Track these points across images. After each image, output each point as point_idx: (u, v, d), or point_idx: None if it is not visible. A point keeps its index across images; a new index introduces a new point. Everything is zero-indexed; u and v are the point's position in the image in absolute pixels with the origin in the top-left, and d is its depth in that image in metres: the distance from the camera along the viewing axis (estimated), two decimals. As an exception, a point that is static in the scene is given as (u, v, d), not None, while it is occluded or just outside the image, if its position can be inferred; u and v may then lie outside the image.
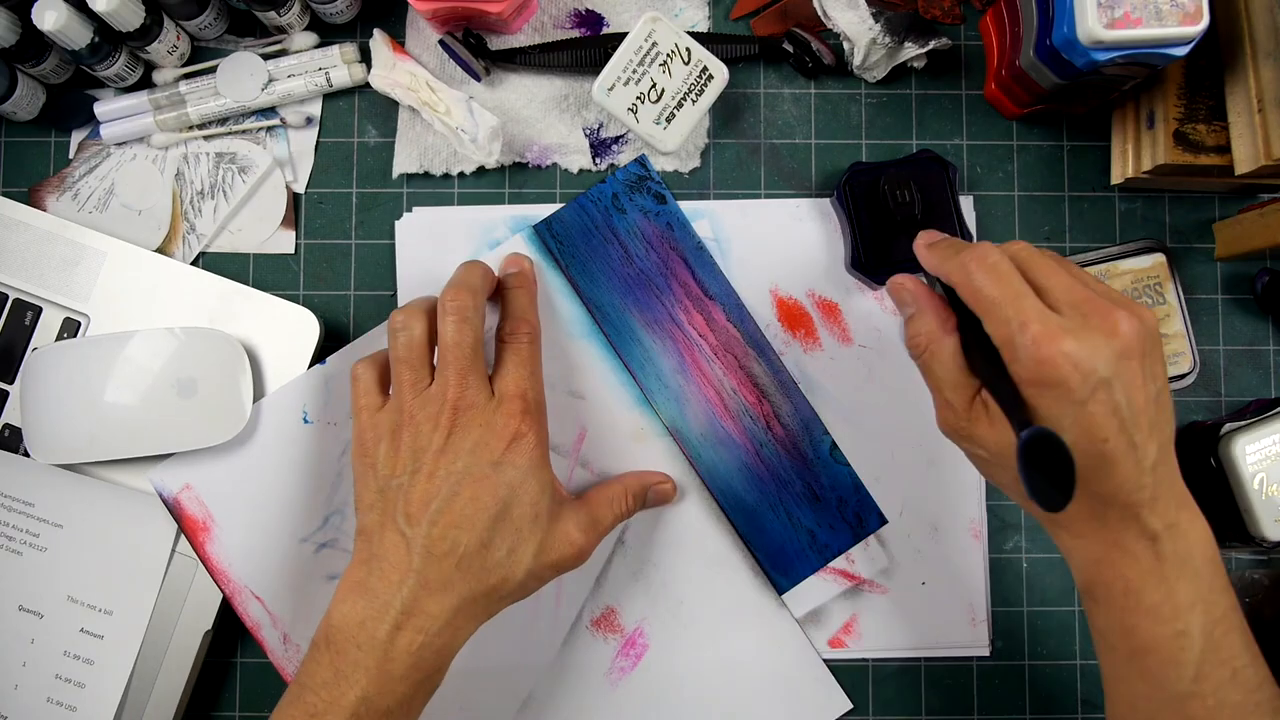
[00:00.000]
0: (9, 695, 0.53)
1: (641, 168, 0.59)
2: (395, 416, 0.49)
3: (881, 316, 0.59)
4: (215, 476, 0.56)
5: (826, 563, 0.57)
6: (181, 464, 0.56)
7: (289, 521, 0.56)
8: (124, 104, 0.59)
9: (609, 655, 0.57)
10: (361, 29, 0.60)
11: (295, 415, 0.56)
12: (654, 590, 0.57)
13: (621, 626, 0.57)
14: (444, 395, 0.48)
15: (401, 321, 0.50)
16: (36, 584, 0.55)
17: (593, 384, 0.57)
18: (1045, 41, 0.51)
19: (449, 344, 0.49)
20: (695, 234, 0.58)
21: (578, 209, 0.58)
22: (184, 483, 0.56)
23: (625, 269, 0.58)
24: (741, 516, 0.57)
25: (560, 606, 0.57)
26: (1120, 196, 0.60)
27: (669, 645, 0.57)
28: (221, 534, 0.56)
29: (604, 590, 0.57)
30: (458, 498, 0.47)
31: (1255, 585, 0.58)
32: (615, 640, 0.57)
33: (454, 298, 0.50)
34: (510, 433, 0.48)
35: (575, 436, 0.57)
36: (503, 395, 0.49)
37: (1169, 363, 0.57)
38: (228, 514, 0.56)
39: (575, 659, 0.57)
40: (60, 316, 0.57)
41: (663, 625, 0.57)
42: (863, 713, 0.58)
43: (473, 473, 0.47)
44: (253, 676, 0.58)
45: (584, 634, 0.57)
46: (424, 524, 0.47)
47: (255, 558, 0.56)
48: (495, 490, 0.47)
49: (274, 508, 0.56)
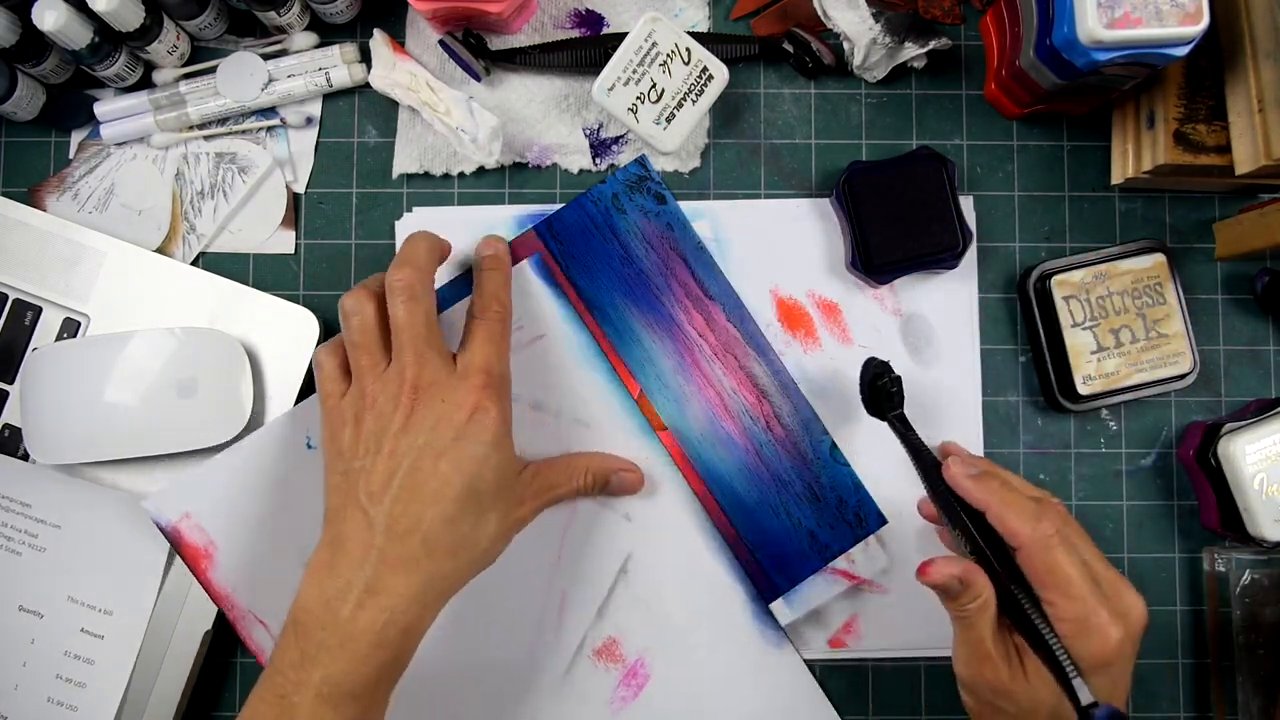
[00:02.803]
0: (9, 695, 0.54)
1: (641, 168, 0.59)
2: (358, 401, 0.49)
3: (881, 316, 0.59)
4: (216, 503, 0.55)
5: (827, 563, 0.57)
6: (179, 492, 0.55)
7: (292, 546, 0.55)
8: (124, 104, 0.59)
9: (610, 685, 0.57)
10: (361, 29, 0.60)
11: (299, 441, 0.56)
12: (656, 620, 0.57)
13: (623, 656, 0.57)
14: (402, 375, 0.48)
15: (352, 305, 0.50)
16: (36, 584, 0.55)
17: (597, 413, 0.57)
18: (1045, 41, 0.51)
19: (401, 324, 0.49)
20: (695, 234, 0.58)
21: (577, 209, 0.58)
22: (183, 511, 0.55)
23: (625, 269, 0.58)
24: (741, 517, 0.57)
25: (562, 635, 0.56)
26: (1120, 196, 0.60)
27: (670, 675, 0.57)
28: (223, 560, 0.55)
29: (606, 620, 0.57)
30: (418, 472, 0.47)
31: (1255, 585, 0.58)
32: (617, 670, 0.57)
33: (400, 276, 0.50)
34: (471, 405, 0.48)
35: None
36: (466, 369, 0.49)
37: (1169, 363, 0.57)
38: (229, 540, 0.55)
39: (577, 688, 0.57)
40: (60, 316, 0.57)
41: (664, 655, 0.57)
42: (863, 713, 0.58)
43: (433, 446, 0.47)
44: (253, 676, 0.58)
45: (585, 663, 0.57)
46: (386, 501, 0.47)
47: (258, 583, 0.55)
48: (457, 463, 0.47)
49: (276, 533, 0.56)
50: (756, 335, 0.58)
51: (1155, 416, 0.60)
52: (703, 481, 0.57)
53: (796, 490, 0.57)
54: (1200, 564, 0.59)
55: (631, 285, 0.58)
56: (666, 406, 0.57)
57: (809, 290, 0.59)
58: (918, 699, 0.59)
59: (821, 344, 0.59)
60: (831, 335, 0.59)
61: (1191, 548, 0.59)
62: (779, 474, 0.57)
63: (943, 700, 0.59)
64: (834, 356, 0.59)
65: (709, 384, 0.58)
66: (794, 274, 0.59)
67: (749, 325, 0.58)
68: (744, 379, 0.58)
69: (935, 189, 0.56)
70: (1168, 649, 0.59)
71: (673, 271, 0.58)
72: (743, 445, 0.57)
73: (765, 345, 0.58)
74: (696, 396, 0.58)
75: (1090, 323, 0.57)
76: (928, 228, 0.56)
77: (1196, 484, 0.59)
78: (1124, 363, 0.57)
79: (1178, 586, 0.59)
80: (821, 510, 0.57)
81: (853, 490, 0.57)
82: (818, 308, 0.59)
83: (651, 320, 0.58)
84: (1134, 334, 0.57)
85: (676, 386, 0.58)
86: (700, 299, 0.58)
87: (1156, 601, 0.59)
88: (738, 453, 0.57)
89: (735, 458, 0.57)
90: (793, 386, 0.58)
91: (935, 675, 0.59)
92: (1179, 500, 0.59)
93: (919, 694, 0.59)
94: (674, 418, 0.58)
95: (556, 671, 0.56)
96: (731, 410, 0.58)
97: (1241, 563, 0.58)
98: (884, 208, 0.56)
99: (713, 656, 0.57)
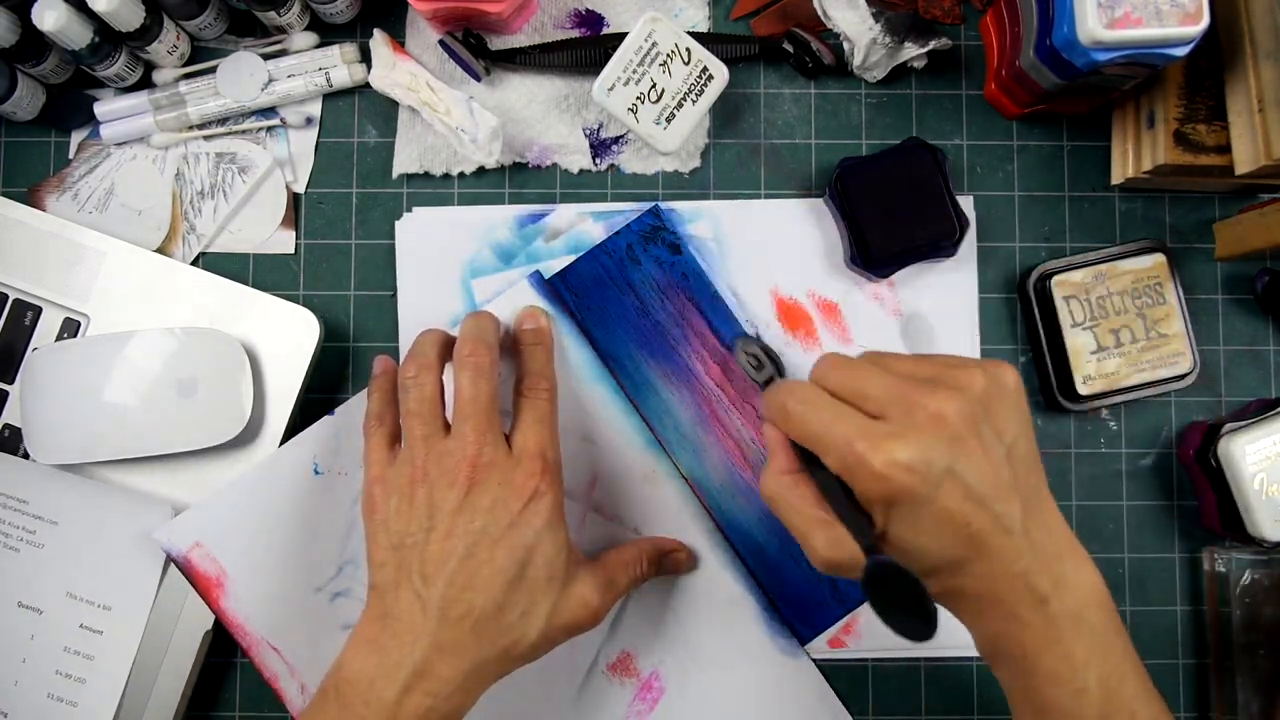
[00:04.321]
0: (9, 691, 0.54)
1: (655, 218, 0.58)
2: (408, 470, 0.48)
3: (881, 316, 0.59)
4: (226, 532, 0.55)
5: (849, 612, 0.57)
6: (189, 522, 0.55)
7: (303, 572, 0.55)
8: (124, 104, 0.59)
9: (625, 699, 0.56)
10: (361, 29, 0.60)
11: (306, 467, 0.56)
12: (670, 634, 0.57)
13: (638, 670, 0.57)
14: (462, 451, 0.47)
15: (413, 376, 0.50)
16: (35, 580, 0.55)
17: (603, 429, 0.57)
18: (1045, 41, 0.51)
19: (466, 398, 0.49)
20: (711, 284, 0.58)
21: (592, 260, 0.58)
22: (193, 541, 0.55)
23: (641, 320, 0.58)
24: (762, 567, 0.57)
25: (576, 651, 0.56)
26: (1120, 196, 0.60)
27: (685, 688, 0.56)
28: (235, 588, 0.55)
29: (620, 634, 0.57)
30: (473, 558, 0.46)
31: (1255, 585, 0.58)
32: (632, 684, 0.57)
33: (472, 352, 0.49)
34: (529, 491, 0.48)
35: (587, 481, 0.57)
36: (522, 452, 0.49)
37: (1169, 363, 0.57)
38: (240, 568, 0.55)
39: (592, 703, 0.56)
40: (60, 316, 0.58)
41: (679, 668, 0.57)
42: (863, 713, 0.58)
43: (490, 532, 0.47)
44: (253, 676, 0.58)
45: (600, 678, 0.56)
46: (440, 584, 0.46)
47: (270, 609, 0.55)
48: (512, 551, 0.47)
49: (287, 559, 0.55)
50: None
51: (1155, 416, 0.60)
52: (719, 527, 0.57)
53: None
54: (1200, 564, 0.59)
55: (648, 336, 0.58)
56: (685, 457, 0.57)
57: (809, 290, 0.59)
58: (918, 699, 0.59)
59: (822, 344, 0.59)
60: (831, 335, 0.59)
61: (1191, 548, 0.59)
62: None
63: (943, 700, 0.59)
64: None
65: (727, 434, 0.58)
66: (794, 274, 0.59)
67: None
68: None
69: (928, 178, 0.56)
70: (1168, 649, 0.59)
71: (689, 322, 0.58)
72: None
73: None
74: (715, 447, 0.57)
75: (1090, 323, 0.57)
76: (923, 217, 0.56)
77: (1196, 484, 0.59)
78: (1124, 363, 0.57)
79: (1178, 586, 0.59)
80: None
81: None
82: (818, 308, 0.59)
83: (669, 371, 0.58)
84: (1134, 334, 0.57)
85: (695, 437, 0.57)
86: (717, 349, 0.58)
87: (1157, 601, 0.59)
88: (757, 502, 0.57)
89: (755, 507, 0.57)
90: None
91: (935, 675, 0.59)
92: (1179, 500, 0.59)
93: (919, 694, 0.59)
94: (693, 468, 0.57)
95: (571, 687, 0.56)
96: (750, 460, 0.57)
97: (1241, 563, 0.58)
98: (878, 201, 0.56)
99: (727, 668, 0.57)
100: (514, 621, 0.47)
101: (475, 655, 0.46)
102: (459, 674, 0.45)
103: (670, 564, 0.56)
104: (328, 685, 0.46)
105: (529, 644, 0.47)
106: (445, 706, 0.45)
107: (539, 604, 0.47)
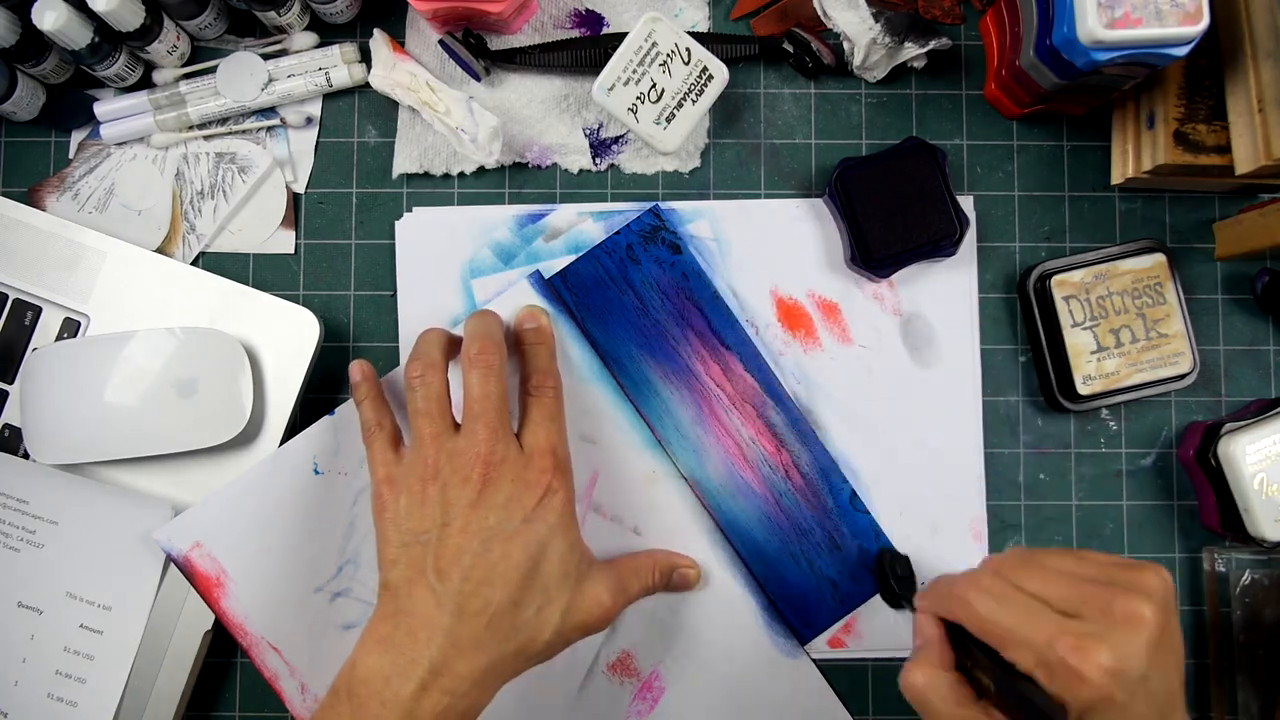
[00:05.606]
0: (9, 691, 0.54)
1: (655, 218, 0.58)
2: (419, 469, 0.48)
3: (881, 316, 0.59)
4: (226, 531, 0.55)
5: (849, 612, 0.57)
6: (189, 522, 0.55)
7: (303, 572, 0.55)
8: (124, 104, 0.59)
9: (626, 699, 0.56)
10: (361, 29, 0.60)
11: (306, 467, 0.56)
12: (670, 633, 0.57)
13: (638, 670, 0.57)
14: (474, 449, 0.48)
15: (419, 376, 0.50)
16: (35, 580, 0.55)
17: (604, 428, 0.57)
18: (1045, 41, 0.51)
19: (477, 396, 0.49)
20: (711, 284, 0.58)
21: (592, 261, 0.58)
22: (193, 541, 0.55)
23: (641, 320, 0.58)
24: (762, 566, 0.57)
25: (576, 651, 0.55)
26: (1120, 196, 0.60)
27: (685, 688, 0.57)
28: (235, 588, 0.55)
29: (620, 634, 0.57)
30: (489, 553, 0.46)
31: (1255, 585, 0.58)
32: (632, 684, 0.57)
33: (481, 350, 0.50)
34: (542, 488, 0.48)
35: (588, 480, 0.57)
36: (533, 450, 0.49)
37: (1169, 363, 0.57)
38: (240, 568, 0.55)
39: (592, 703, 0.56)
40: (60, 316, 0.58)
41: (679, 668, 0.57)
42: (863, 713, 0.58)
43: (505, 528, 0.47)
44: (253, 676, 0.58)
45: (600, 678, 0.56)
46: (455, 579, 0.46)
47: (270, 609, 0.55)
48: (526, 546, 0.47)
49: (287, 559, 0.55)
50: (774, 384, 0.58)
51: (1155, 416, 0.60)
52: (719, 527, 0.57)
53: (817, 539, 0.57)
54: (1200, 564, 0.59)
55: (648, 336, 0.58)
56: (685, 456, 0.57)
57: (809, 290, 0.59)
58: (917, 699, 0.59)
59: (822, 344, 0.59)
60: (831, 335, 0.59)
61: (1191, 548, 0.59)
62: (799, 523, 0.57)
63: (942, 700, 0.59)
64: (834, 357, 0.58)
65: (727, 434, 0.58)
66: (794, 274, 0.59)
67: (766, 374, 0.58)
68: (762, 428, 0.57)
69: (928, 178, 0.56)
70: (1168, 649, 0.59)
71: (689, 322, 0.58)
72: (762, 494, 0.57)
73: (783, 394, 0.58)
74: (715, 446, 0.57)
75: (1090, 323, 0.57)
76: (923, 217, 0.56)
77: (1196, 484, 0.59)
78: (1124, 363, 0.57)
79: (1178, 586, 0.59)
80: (843, 559, 0.57)
81: (874, 538, 0.57)
82: (818, 308, 0.59)
83: (669, 371, 0.58)
84: (1134, 334, 0.57)
85: (695, 437, 0.57)
86: (717, 349, 0.58)
87: (1156, 602, 0.59)
88: (757, 502, 0.57)
89: (755, 507, 0.57)
90: (811, 435, 0.58)
91: (935, 675, 0.59)
92: (1179, 500, 0.59)
93: (919, 694, 0.59)
94: (693, 468, 0.57)
95: (572, 687, 0.56)
96: (750, 460, 0.57)
97: (1241, 563, 0.58)
98: (878, 201, 0.56)
99: (727, 667, 0.57)
100: (529, 618, 0.47)
101: (492, 652, 0.46)
102: (476, 671, 0.45)
103: (679, 579, 0.56)
104: (339, 685, 0.46)
105: (544, 641, 0.47)
106: (462, 705, 0.45)
107: (554, 601, 0.48)
